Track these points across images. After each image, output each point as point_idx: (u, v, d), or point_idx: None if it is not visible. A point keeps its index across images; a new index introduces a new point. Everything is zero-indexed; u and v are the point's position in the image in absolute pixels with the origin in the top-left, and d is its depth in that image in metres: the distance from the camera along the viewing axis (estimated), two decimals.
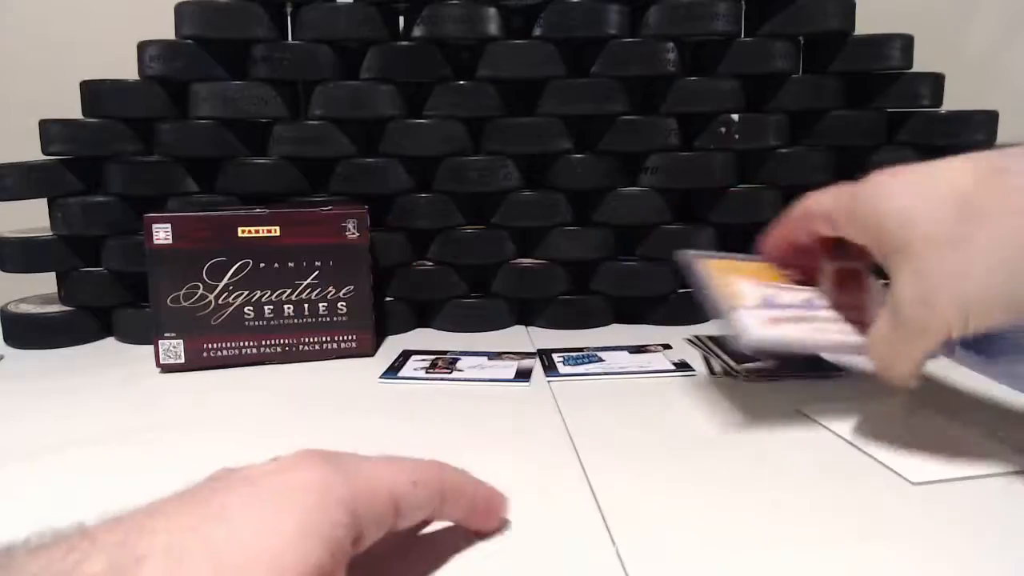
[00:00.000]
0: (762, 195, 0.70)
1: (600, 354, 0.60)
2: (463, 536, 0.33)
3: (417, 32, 0.66)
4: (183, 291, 0.57)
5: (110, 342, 0.68)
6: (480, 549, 0.32)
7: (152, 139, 0.67)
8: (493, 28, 0.66)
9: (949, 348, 0.59)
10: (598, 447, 0.43)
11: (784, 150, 0.69)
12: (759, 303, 0.45)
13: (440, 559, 0.31)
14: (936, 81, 0.70)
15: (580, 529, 0.34)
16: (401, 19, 0.68)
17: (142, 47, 0.65)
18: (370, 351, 0.62)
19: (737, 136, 0.68)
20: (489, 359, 0.60)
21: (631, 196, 0.69)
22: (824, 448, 0.42)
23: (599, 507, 0.36)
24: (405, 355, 0.61)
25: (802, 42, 0.70)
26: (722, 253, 0.51)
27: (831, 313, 0.46)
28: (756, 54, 0.67)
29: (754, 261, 0.50)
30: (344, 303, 0.60)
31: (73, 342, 0.67)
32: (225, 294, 0.58)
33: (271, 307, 0.59)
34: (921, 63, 0.69)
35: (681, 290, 0.71)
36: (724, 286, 0.46)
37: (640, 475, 0.39)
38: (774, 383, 0.53)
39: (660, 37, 0.66)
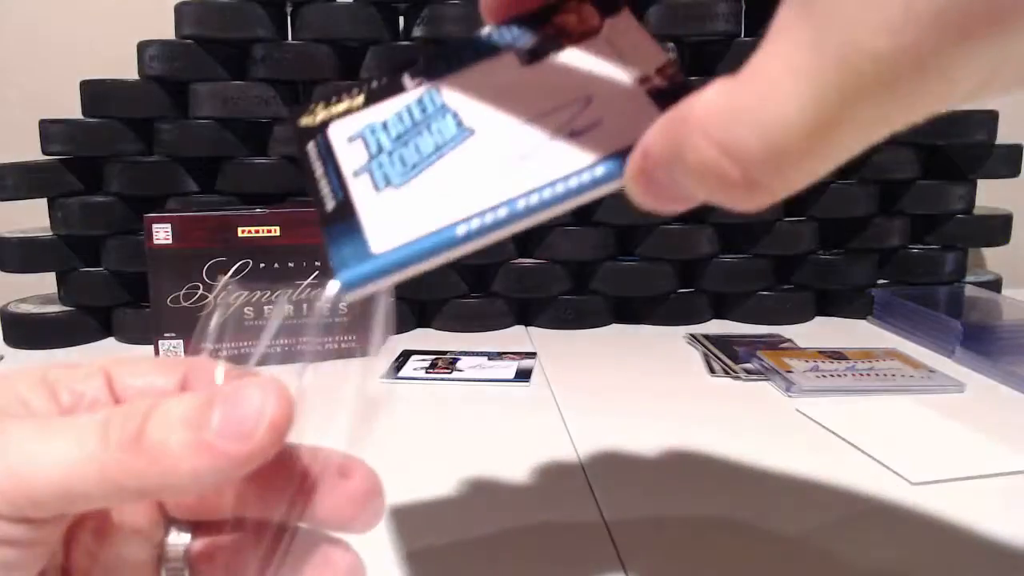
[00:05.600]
0: None
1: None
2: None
3: (417, 32, 0.66)
4: (183, 291, 0.57)
5: (110, 342, 0.68)
6: (478, 547, 0.32)
7: (152, 139, 0.67)
8: None
9: (949, 348, 0.59)
10: (598, 447, 0.43)
11: None
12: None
13: (439, 552, 0.31)
14: None
15: (580, 529, 0.34)
16: (401, 19, 0.68)
17: (142, 47, 0.65)
18: (370, 351, 0.62)
19: None
20: (489, 359, 0.60)
21: None
22: (824, 448, 0.42)
23: (599, 507, 0.36)
24: (405, 355, 0.61)
25: None
26: None
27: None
28: None
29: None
30: (344, 303, 0.60)
31: (73, 342, 0.67)
32: (225, 294, 0.58)
33: (271, 307, 0.59)
34: None
35: (681, 290, 0.71)
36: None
37: (640, 475, 0.39)
38: (773, 383, 0.53)
39: (660, 37, 0.66)
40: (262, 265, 0.58)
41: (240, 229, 0.58)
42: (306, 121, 0.26)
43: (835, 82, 0.15)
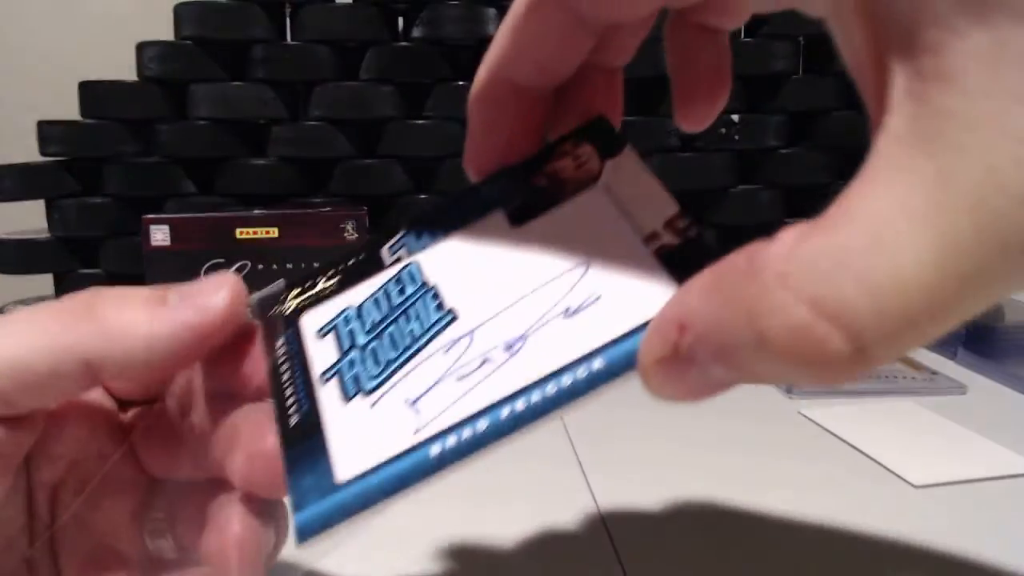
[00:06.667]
0: (762, 195, 0.69)
1: None
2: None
3: (417, 32, 0.66)
4: None
5: None
6: (475, 546, 0.32)
7: (150, 140, 0.66)
8: (493, 28, 0.65)
9: (951, 350, 0.59)
10: (598, 449, 0.42)
11: (784, 150, 0.69)
12: None
13: (436, 550, 0.31)
14: None
15: (580, 531, 0.34)
16: (401, 19, 0.68)
17: (141, 48, 0.65)
18: None
19: (737, 136, 0.68)
20: None
21: None
22: (825, 451, 0.42)
23: (599, 509, 0.36)
24: None
25: (802, 42, 0.70)
26: None
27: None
28: (756, 54, 0.67)
29: None
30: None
31: None
32: None
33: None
34: None
35: None
36: None
37: (640, 477, 0.39)
38: (775, 385, 0.53)
39: (660, 38, 0.66)
40: (260, 267, 0.58)
41: (239, 230, 0.57)
42: (278, 311, 0.22)
43: (968, 229, 0.12)
